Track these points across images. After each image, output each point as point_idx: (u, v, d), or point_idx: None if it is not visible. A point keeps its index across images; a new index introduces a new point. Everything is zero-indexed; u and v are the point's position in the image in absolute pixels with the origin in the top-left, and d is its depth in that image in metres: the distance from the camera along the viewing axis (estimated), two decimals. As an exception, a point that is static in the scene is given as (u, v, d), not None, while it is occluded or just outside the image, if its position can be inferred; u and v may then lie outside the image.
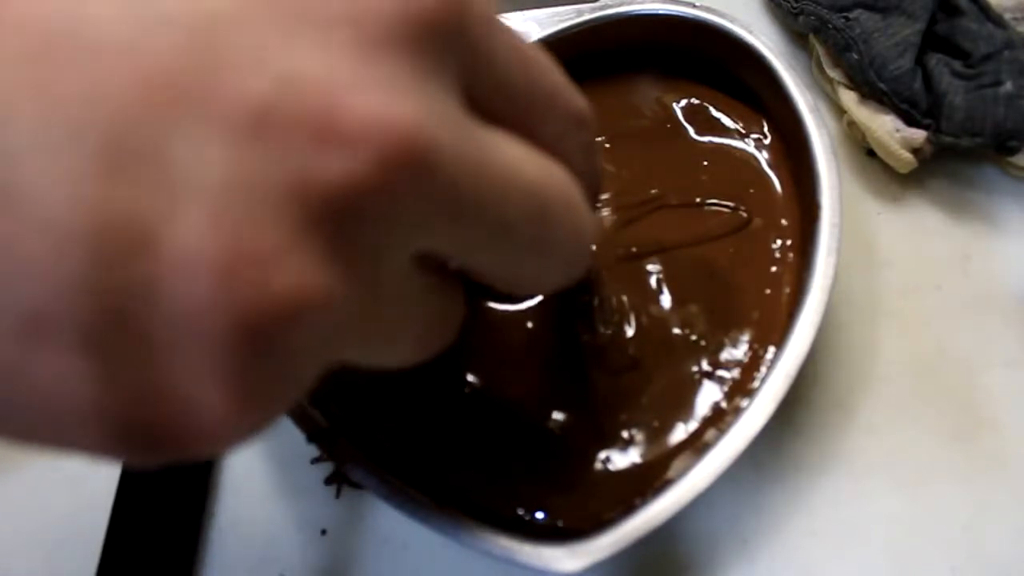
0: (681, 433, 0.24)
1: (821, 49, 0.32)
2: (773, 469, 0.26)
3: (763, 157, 0.29)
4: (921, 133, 0.29)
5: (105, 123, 0.10)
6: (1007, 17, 0.31)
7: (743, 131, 0.29)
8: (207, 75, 0.10)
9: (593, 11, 0.29)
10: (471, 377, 0.25)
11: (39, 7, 0.10)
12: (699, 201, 0.28)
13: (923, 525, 0.25)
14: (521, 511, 0.23)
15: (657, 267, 0.26)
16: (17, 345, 0.10)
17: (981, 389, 0.27)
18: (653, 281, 0.26)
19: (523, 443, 0.24)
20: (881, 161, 0.31)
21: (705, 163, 0.29)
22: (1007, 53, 0.29)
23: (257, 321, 0.11)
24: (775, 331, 0.25)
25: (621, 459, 0.24)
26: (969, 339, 0.28)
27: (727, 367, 0.25)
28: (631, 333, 0.25)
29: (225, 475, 0.27)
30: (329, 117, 0.11)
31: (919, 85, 0.29)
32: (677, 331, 0.25)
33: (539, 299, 0.26)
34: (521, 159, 0.14)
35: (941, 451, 0.26)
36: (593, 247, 0.27)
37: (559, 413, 0.24)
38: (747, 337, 0.25)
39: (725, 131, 0.29)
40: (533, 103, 0.15)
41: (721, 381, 0.25)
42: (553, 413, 0.24)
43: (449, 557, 0.25)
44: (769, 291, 0.26)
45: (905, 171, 0.30)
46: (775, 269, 0.26)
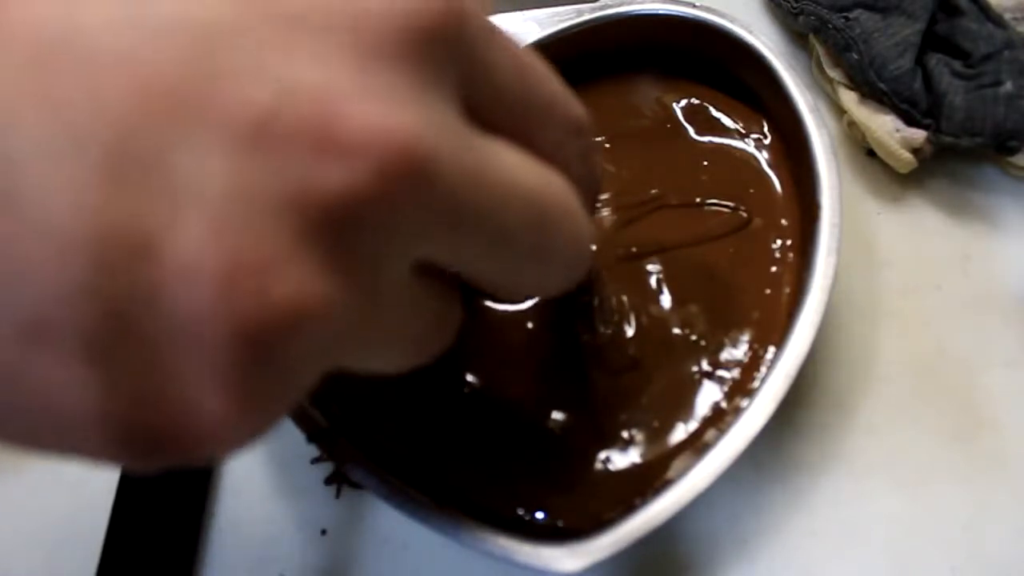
0: (681, 433, 0.24)
1: (821, 49, 0.32)
2: (773, 469, 0.26)
3: (763, 157, 0.29)
4: (921, 133, 0.29)
5: (106, 131, 0.10)
6: (1007, 17, 0.31)
7: (743, 131, 0.29)
8: (207, 84, 0.10)
9: (593, 11, 0.29)
10: (471, 377, 0.25)
11: (38, 15, 0.10)
12: (699, 201, 0.28)
13: (923, 525, 0.25)
14: (521, 511, 0.23)
15: (657, 267, 0.26)
16: (19, 350, 0.10)
17: (981, 389, 0.27)
18: (653, 281, 0.26)
19: (523, 443, 0.24)
20: (881, 161, 0.31)
21: (705, 163, 0.29)
22: (1007, 53, 0.29)
23: (257, 330, 0.11)
24: (775, 331, 0.25)
25: (621, 459, 0.24)
26: (969, 339, 0.28)
27: (727, 367, 0.25)
28: (631, 333, 0.25)
29: (225, 475, 0.27)
30: (328, 127, 0.11)
31: (919, 85, 0.29)
32: (677, 331, 0.25)
33: (539, 299, 0.26)
34: (520, 167, 0.14)
35: (941, 451, 0.26)
36: (593, 248, 0.27)
37: (559, 413, 0.24)
38: (747, 337, 0.25)
39: (725, 131, 0.29)
40: (531, 111, 0.15)
41: (721, 381, 0.25)
42: (553, 413, 0.24)
43: (449, 557, 0.25)
44: (769, 291, 0.26)
45: (905, 171, 0.30)
46: (775, 269, 0.26)
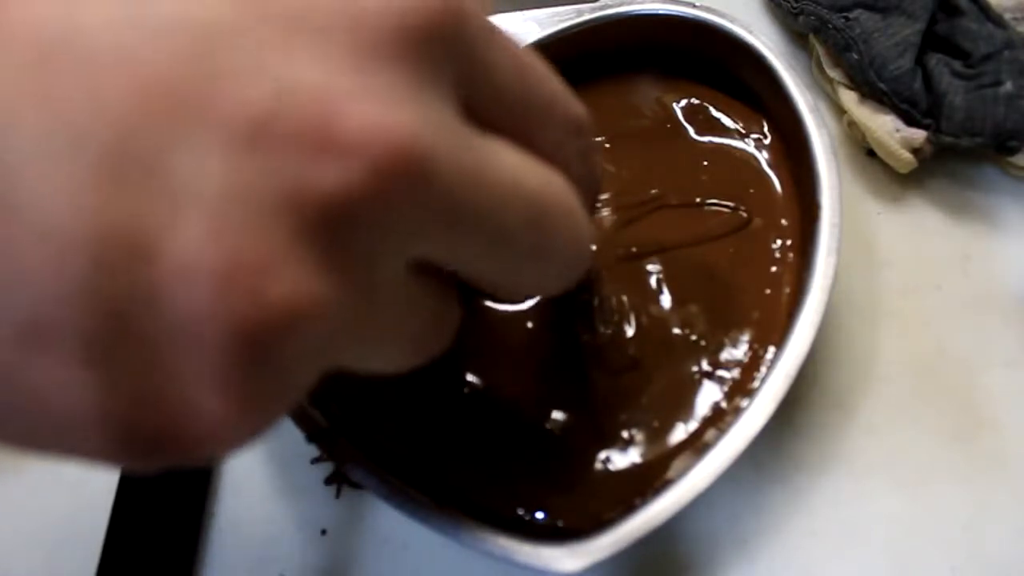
0: (681, 433, 0.24)
1: (821, 49, 0.32)
2: (773, 469, 0.26)
3: (763, 157, 0.29)
4: (921, 133, 0.29)
5: (105, 132, 0.10)
6: (1007, 17, 0.31)
7: (743, 131, 0.29)
8: (205, 84, 0.10)
9: (593, 11, 0.29)
10: (471, 377, 0.25)
11: (38, 15, 0.10)
12: (699, 201, 0.28)
13: (923, 525, 0.25)
14: (521, 511, 0.23)
15: (657, 267, 0.26)
16: (18, 351, 0.10)
17: (981, 389, 0.27)
18: (653, 281, 0.26)
19: (523, 443, 0.24)
20: (881, 161, 0.31)
21: (705, 163, 0.29)
22: (1007, 53, 0.29)
23: (253, 330, 0.11)
24: (775, 331, 0.25)
25: (621, 459, 0.24)
26: (969, 339, 0.28)
27: (727, 367, 0.25)
28: (631, 333, 0.25)
29: (225, 475, 0.27)
30: (325, 126, 0.11)
31: (919, 85, 0.29)
32: (677, 331, 0.25)
33: (539, 299, 0.26)
34: (519, 167, 0.14)
35: (941, 451, 0.26)
36: (593, 248, 0.27)
37: (559, 413, 0.24)
38: (747, 337, 0.25)
39: (725, 131, 0.29)
40: (531, 111, 0.15)
41: (721, 381, 0.25)
42: (553, 413, 0.24)
43: (449, 557, 0.25)
44: (769, 291, 0.26)
45: (905, 171, 0.30)
46: (775, 269, 0.26)
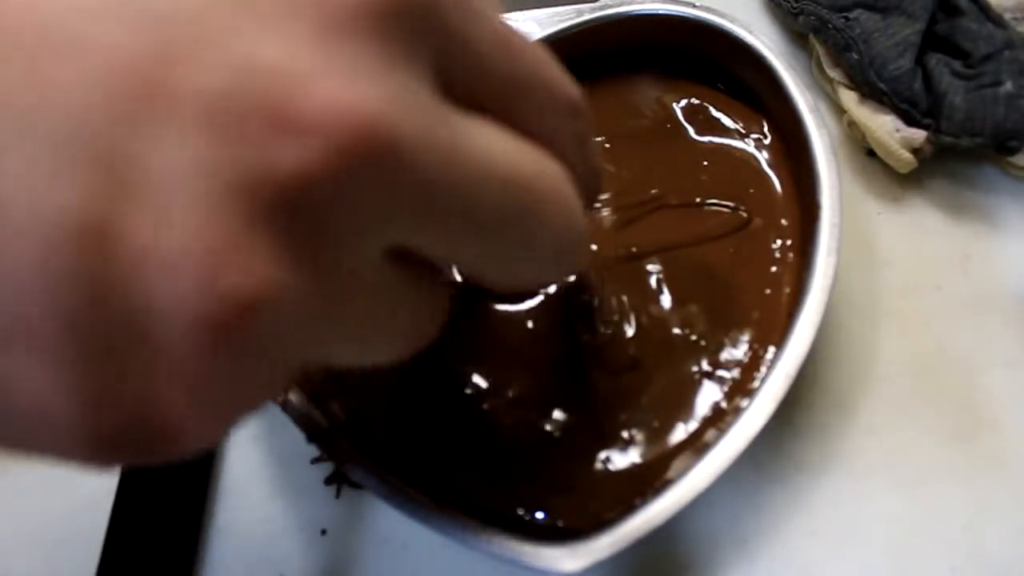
0: (681, 433, 0.24)
1: (821, 49, 0.32)
2: (773, 469, 0.26)
3: (763, 157, 0.29)
4: (921, 133, 0.29)
5: (63, 118, 0.10)
6: (1007, 17, 0.31)
7: (743, 131, 0.29)
8: (165, 68, 0.10)
9: (593, 11, 0.29)
10: (471, 377, 0.25)
11: None
12: (699, 201, 0.28)
13: (923, 525, 0.25)
14: (521, 511, 0.23)
15: (657, 267, 0.26)
16: None
17: (981, 389, 0.27)
18: (653, 281, 0.26)
19: (523, 443, 0.24)
20: (881, 161, 0.31)
21: (705, 163, 0.29)
22: (1007, 53, 0.29)
23: (211, 320, 0.10)
24: (775, 331, 0.25)
25: (621, 459, 0.24)
26: (969, 339, 0.28)
27: (727, 367, 0.25)
28: (631, 333, 0.25)
29: (225, 475, 0.27)
30: (284, 105, 0.11)
31: (919, 85, 0.29)
32: (677, 331, 0.25)
33: (539, 299, 0.26)
34: (503, 148, 0.13)
35: (941, 451, 0.26)
36: (593, 248, 0.27)
37: (559, 413, 0.24)
38: (747, 337, 0.25)
39: (725, 131, 0.29)
40: (518, 89, 0.14)
41: (721, 381, 0.25)
42: (553, 413, 0.24)
43: (449, 557, 0.25)
44: (769, 291, 0.26)
45: (905, 171, 0.30)
46: (775, 269, 0.26)
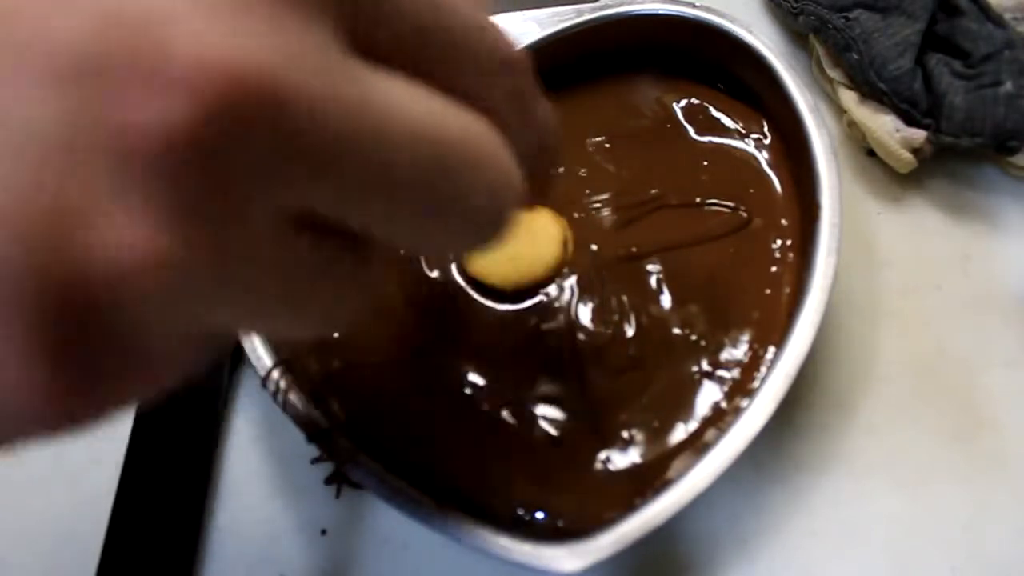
0: (681, 433, 0.24)
1: (821, 49, 0.32)
2: (773, 469, 0.26)
3: (763, 157, 0.29)
4: (921, 133, 0.29)
5: None
6: (1007, 17, 0.31)
7: (743, 131, 0.29)
8: (31, 20, 0.10)
9: (593, 11, 0.29)
10: (471, 377, 0.25)
11: None
12: (699, 201, 0.28)
13: (923, 525, 0.25)
14: (521, 511, 0.23)
15: (657, 267, 0.26)
16: None
17: (981, 389, 0.27)
18: (653, 281, 0.26)
19: (523, 443, 0.24)
20: (881, 161, 0.31)
21: (705, 163, 0.29)
22: (1007, 53, 0.29)
23: (65, 288, 0.10)
24: (775, 331, 0.25)
25: (621, 459, 0.24)
26: (969, 339, 0.28)
27: (727, 367, 0.25)
28: (631, 333, 0.25)
29: (225, 475, 0.27)
30: (151, 56, 0.10)
31: (919, 85, 0.29)
32: (677, 331, 0.25)
33: (539, 299, 0.26)
34: (419, 106, 0.12)
35: (941, 451, 0.26)
36: (592, 246, 0.27)
37: (559, 413, 0.24)
38: (747, 337, 0.25)
39: (725, 131, 0.29)
40: (440, 45, 0.13)
41: (721, 381, 0.25)
42: (553, 413, 0.24)
43: (449, 557, 0.25)
44: (769, 291, 0.26)
45: (905, 171, 0.30)
46: (775, 269, 0.26)
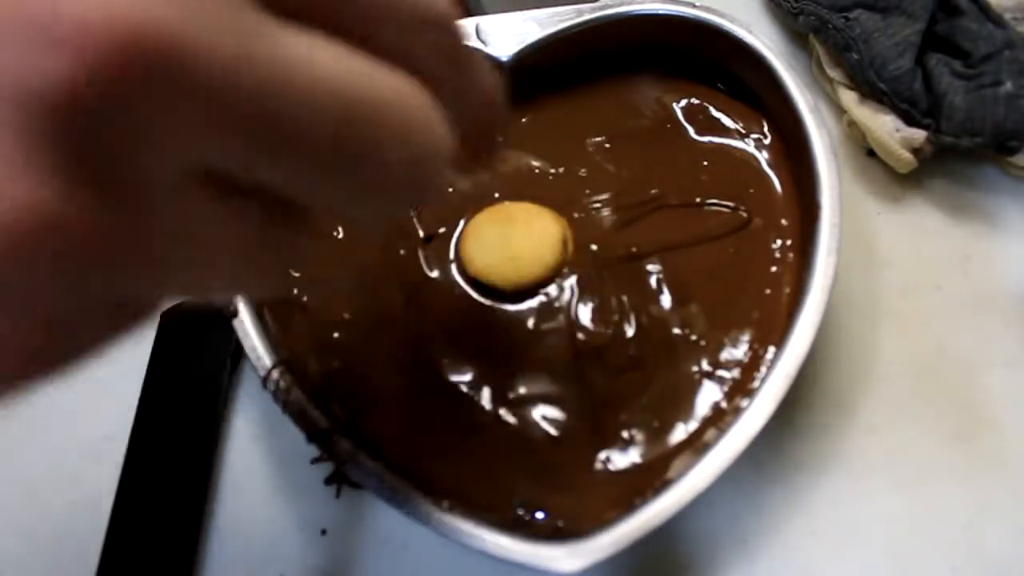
0: (681, 433, 0.24)
1: (821, 49, 0.32)
2: (773, 469, 0.26)
3: (763, 157, 0.29)
4: (921, 133, 0.29)
5: None
6: (1007, 17, 0.31)
7: (743, 131, 0.29)
8: None
9: (593, 11, 0.29)
10: (471, 377, 0.25)
11: None
12: (699, 201, 0.28)
13: (923, 525, 0.25)
14: (521, 511, 0.23)
15: (657, 267, 0.26)
16: None
17: (981, 389, 0.27)
18: (653, 281, 0.26)
19: (523, 443, 0.24)
20: (881, 161, 0.31)
21: (705, 163, 0.29)
22: (1007, 53, 0.29)
23: None
24: (775, 331, 0.25)
25: (621, 459, 0.24)
26: (969, 339, 0.28)
27: (727, 367, 0.25)
28: (631, 333, 0.25)
29: (225, 475, 0.27)
30: (43, 17, 0.10)
31: (919, 85, 0.29)
32: (677, 331, 0.25)
33: (539, 299, 0.26)
34: (327, 62, 0.12)
35: (941, 451, 0.26)
36: (592, 246, 0.27)
37: (559, 413, 0.24)
38: (747, 337, 0.25)
39: (725, 131, 0.29)
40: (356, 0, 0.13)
41: (721, 381, 0.25)
42: (553, 413, 0.24)
43: (449, 557, 0.25)
44: (769, 291, 0.26)
45: (905, 171, 0.30)
46: (775, 269, 0.26)
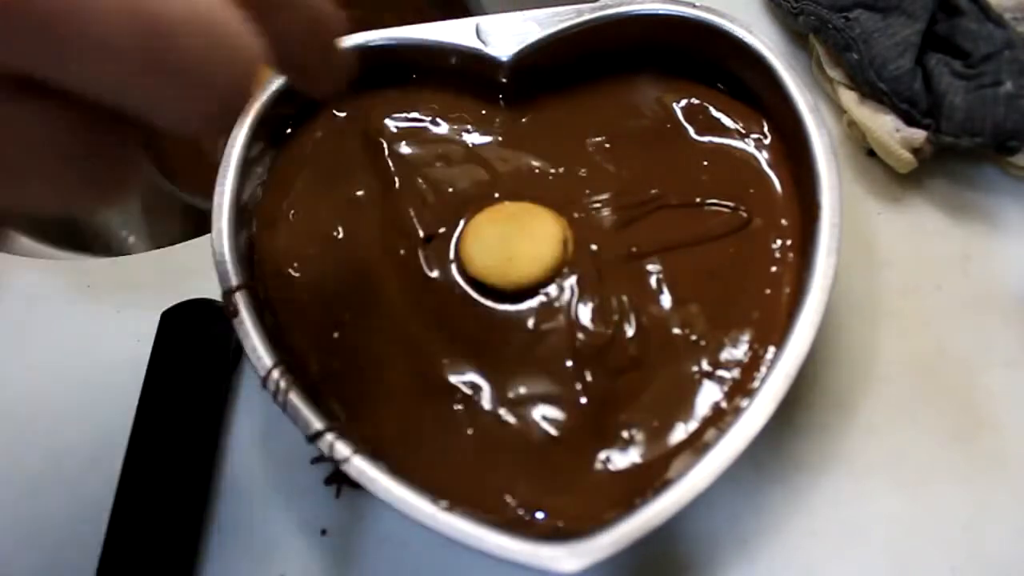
0: (681, 433, 0.24)
1: (821, 49, 0.32)
2: (773, 469, 0.26)
3: (763, 157, 0.29)
4: (921, 133, 0.29)
5: None
6: (1007, 17, 0.31)
7: (743, 131, 0.29)
8: None
9: (593, 11, 0.29)
10: (471, 377, 0.25)
11: None
12: (699, 201, 0.28)
13: (923, 525, 0.25)
14: (521, 511, 0.23)
15: (657, 267, 0.26)
16: None
17: (981, 389, 0.27)
18: (653, 281, 0.26)
19: (523, 443, 0.24)
20: (881, 161, 0.31)
21: (705, 163, 0.29)
22: (1007, 53, 0.29)
23: None
24: (775, 331, 0.25)
25: (621, 459, 0.24)
26: (969, 339, 0.28)
27: (727, 367, 0.25)
28: (631, 333, 0.25)
29: (225, 475, 0.27)
30: None
31: (919, 85, 0.29)
32: (677, 331, 0.25)
33: (539, 299, 0.26)
34: None
35: (941, 451, 0.26)
36: (592, 246, 0.27)
37: (559, 413, 0.24)
38: (747, 337, 0.25)
39: (725, 131, 0.29)
40: None
41: (721, 381, 0.25)
42: (553, 413, 0.24)
43: (449, 557, 0.25)
44: (769, 291, 0.26)
45: (905, 171, 0.30)
46: (775, 269, 0.26)
